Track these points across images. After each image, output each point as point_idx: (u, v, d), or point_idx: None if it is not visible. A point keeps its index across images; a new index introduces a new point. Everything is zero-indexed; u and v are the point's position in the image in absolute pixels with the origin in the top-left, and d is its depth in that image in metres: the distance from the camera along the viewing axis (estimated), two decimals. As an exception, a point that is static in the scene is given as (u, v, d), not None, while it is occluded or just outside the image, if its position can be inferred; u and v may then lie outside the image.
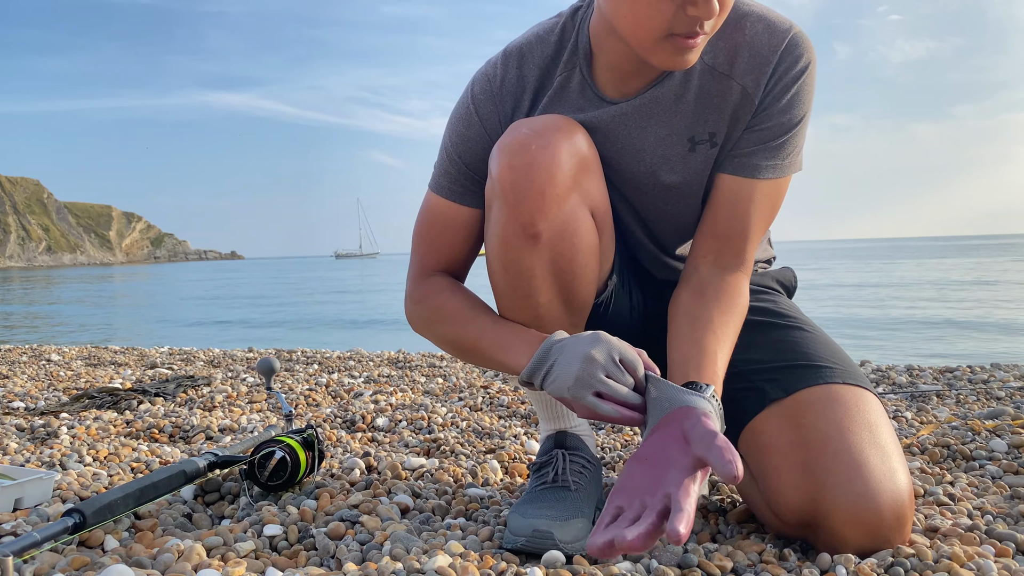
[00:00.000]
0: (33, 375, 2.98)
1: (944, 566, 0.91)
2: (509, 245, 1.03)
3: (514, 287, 1.05)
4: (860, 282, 15.79)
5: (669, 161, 1.09)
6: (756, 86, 1.05)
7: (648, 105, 1.07)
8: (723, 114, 1.07)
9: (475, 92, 1.11)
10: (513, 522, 1.02)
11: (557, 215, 1.01)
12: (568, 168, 1.00)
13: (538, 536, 0.98)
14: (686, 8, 0.88)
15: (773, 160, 1.07)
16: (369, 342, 6.52)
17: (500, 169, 1.01)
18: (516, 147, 1.00)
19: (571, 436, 1.18)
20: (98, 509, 0.99)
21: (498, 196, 1.02)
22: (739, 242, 1.09)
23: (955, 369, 2.68)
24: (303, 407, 2.21)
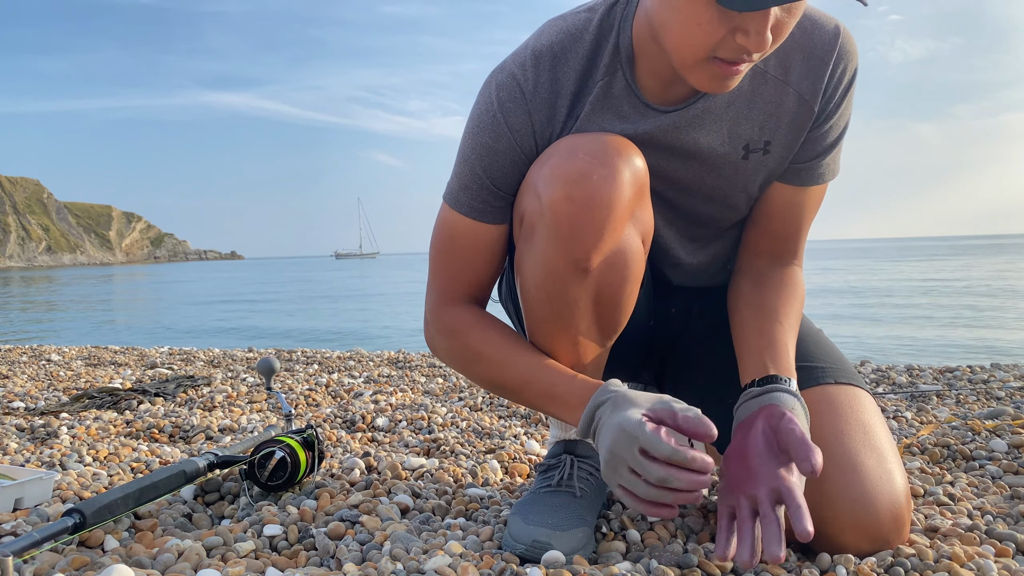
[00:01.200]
0: (33, 375, 2.98)
1: (944, 566, 0.91)
2: (556, 277, 0.97)
3: (556, 317, 1.01)
4: (862, 281, 15.79)
5: (718, 169, 1.06)
6: (814, 93, 1.01)
7: (699, 115, 1.01)
8: (780, 122, 1.03)
9: (502, 99, 0.99)
10: (514, 526, 1.01)
11: (611, 247, 0.96)
12: (628, 199, 0.95)
13: (537, 547, 0.96)
14: (736, 35, 0.83)
15: (824, 167, 1.09)
16: (369, 342, 6.53)
17: (555, 199, 0.93)
18: (575, 176, 0.92)
19: (582, 444, 1.17)
20: (98, 509, 0.99)
21: (548, 226, 0.95)
22: (793, 240, 1.12)
23: (955, 369, 2.68)
24: (303, 407, 2.21)
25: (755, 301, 1.07)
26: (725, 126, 1.03)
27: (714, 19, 0.82)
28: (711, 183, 1.07)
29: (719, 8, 0.81)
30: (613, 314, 1.02)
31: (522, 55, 1.00)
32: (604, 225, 0.93)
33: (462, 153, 1.03)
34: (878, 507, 0.93)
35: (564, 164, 0.93)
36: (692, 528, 1.09)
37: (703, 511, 1.16)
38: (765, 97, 1.02)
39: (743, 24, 0.81)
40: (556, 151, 0.96)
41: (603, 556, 0.99)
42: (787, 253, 1.13)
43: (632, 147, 0.97)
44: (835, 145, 1.07)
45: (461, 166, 1.03)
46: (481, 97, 1.02)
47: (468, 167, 1.02)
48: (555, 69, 0.99)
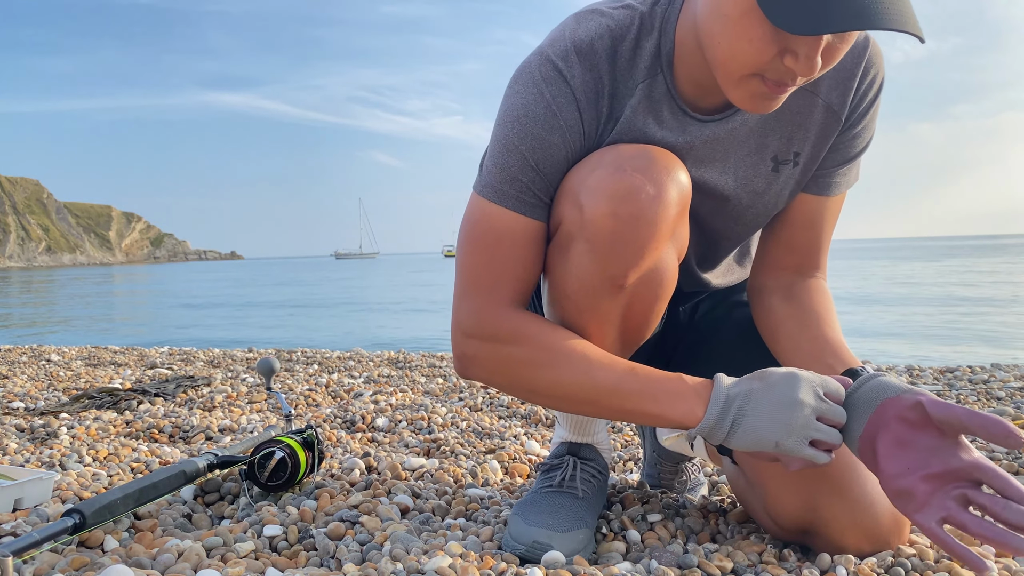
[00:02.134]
0: (33, 375, 2.98)
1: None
2: (590, 291, 0.94)
3: (582, 328, 0.98)
4: (861, 281, 15.80)
5: (752, 182, 1.04)
6: (842, 103, 1.01)
7: (737, 126, 0.99)
8: (808, 133, 1.02)
9: (553, 93, 0.94)
10: (514, 527, 1.01)
11: (649, 265, 0.93)
12: (672, 218, 0.92)
13: (537, 548, 0.96)
14: (785, 56, 0.80)
15: (848, 176, 1.08)
16: (369, 342, 6.52)
17: (599, 214, 0.89)
18: (623, 193, 0.89)
19: (586, 447, 1.16)
20: (98, 509, 0.99)
21: (588, 240, 0.91)
22: (816, 253, 1.11)
23: (955, 369, 2.68)
24: (303, 407, 2.21)
25: (795, 314, 1.05)
26: (758, 137, 1.01)
27: (766, 37, 0.79)
28: (745, 200, 1.05)
29: (772, 27, 0.78)
30: (640, 329, 1.01)
31: (561, 45, 0.95)
32: (646, 245, 0.91)
33: (505, 144, 0.95)
34: (877, 508, 0.93)
35: (611, 178, 0.90)
36: (692, 528, 1.09)
37: (703, 511, 1.16)
38: (793, 108, 1.00)
39: (793, 46, 0.79)
40: (601, 162, 0.92)
41: (603, 556, 0.99)
42: (811, 266, 1.11)
43: (678, 163, 0.94)
44: (860, 155, 1.07)
45: (505, 157, 0.95)
46: (523, 87, 0.95)
47: (516, 158, 0.94)
48: (597, 67, 0.95)
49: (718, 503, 1.23)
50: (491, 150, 0.97)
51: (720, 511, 1.17)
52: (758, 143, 1.01)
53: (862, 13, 0.74)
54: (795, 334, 1.04)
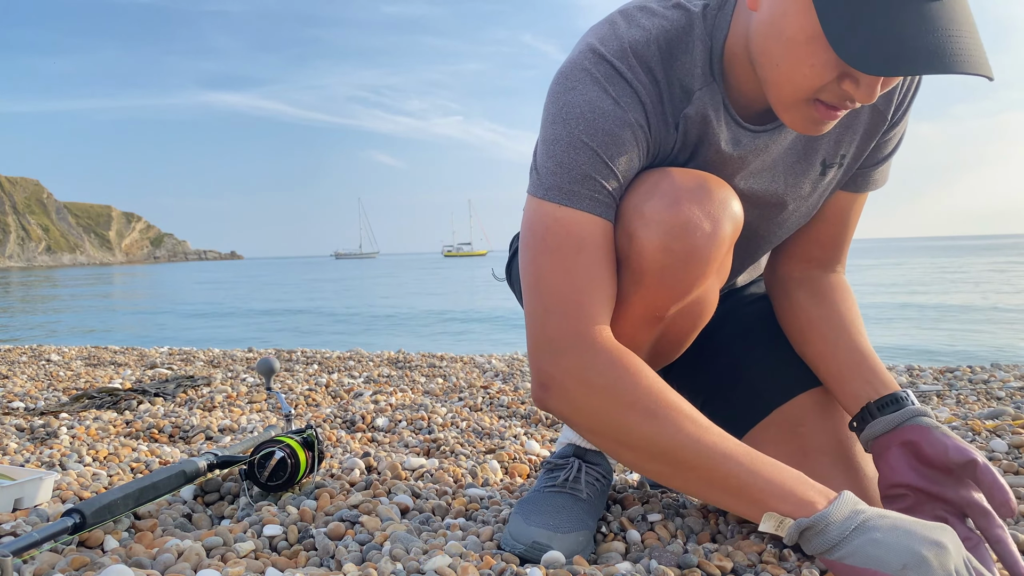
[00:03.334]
0: (33, 375, 2.98)
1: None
2: (631, 323, 0.93)
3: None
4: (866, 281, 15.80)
5: (800, 187, 1.03)
6: (888, 104, 1.01)
7: (785, 134, 0.98)
8: (855, 134, 1.02)
9: (617, 92, 0.87)
10: (514, 526, 1.01)
11: (692, 299, 0.92)
12: (724, 254, 0.90)
13: (537, 548, 0.96)
14: (844, 82, 0.78)
15: (883, 173, 1.09)
16: (369, 342, 6.52)
17: (651, 248, 0.86)
18: (678, 229, 0.85)
19: (593, 452, 1.15)
20: (98, 509, 0.99)
21: (635, 271, 0.88)
22: (841, 247, 1.12)
23: (955, 369, 2.68)
24: (303, 407, 2.21)
25: (827, 315, 1.06)
26: (802, 143, 1.00)
27: (829, 63, 0.77)
28: (791, 205, 1.05)
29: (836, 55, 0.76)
30: (670, 355, 1.02)
31: (615, 45, 0.89)
32: (696, 282, 0.89)
33: (570, 141, 0.87)
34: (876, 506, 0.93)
35: (667, 211, 0.85)
36: (692, 528, 1.09)
37: (703, 511, 1.16)
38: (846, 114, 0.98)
39: (855, 73, 0.77)
40: (657, 189, 0.87)
41: (603, 556, 0.99)
42: (835, 260, 1.13)
43: (732, 194, 0.90)
44: (895, 151, 1.07)
45: (573, 155, 0.87)
46: (581, 84, 0.88)
47: (587, 155, 0.86)
48: (652, 70, 0.89)
49: (718, 503, 1.23)
50: (551, 150, 0.88)
51: (720, 511, 1.17)
52: (806, 147, 1.01)
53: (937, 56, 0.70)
54: (830, 339, 1.04)
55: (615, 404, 0.83)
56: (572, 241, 0.87)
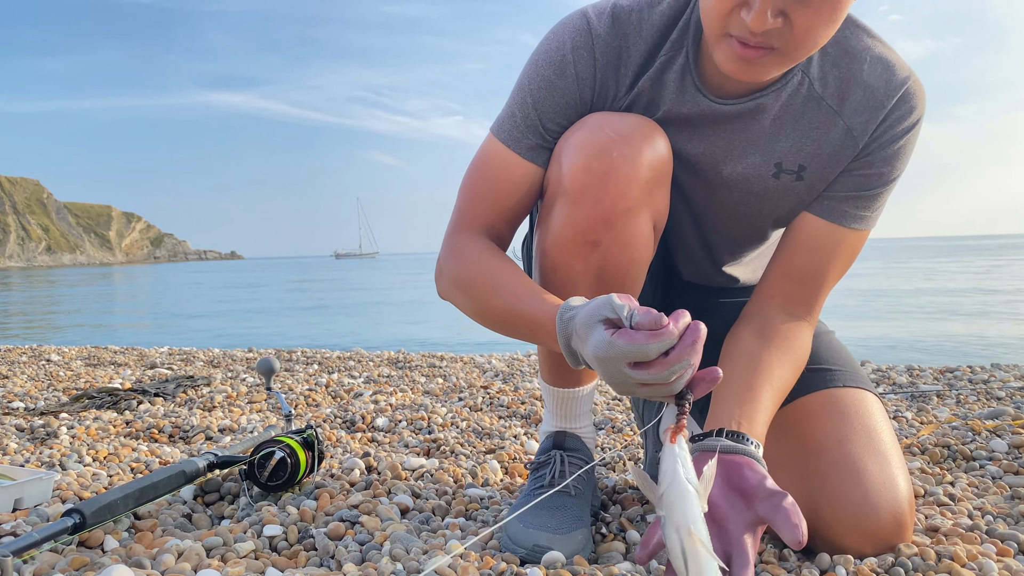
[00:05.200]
0: (33, 375, 2.98)
1: (945, 566, 0.90)
2: (564, 248, 0.97)
3: (557, 289, 1.00)
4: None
5: (748, 180, 1.04)
6: (863, 130, 0.99)
7: (745, 116, 1.00)
8: (820, 150, 1.01)
9: (576, 43, 0.98)
10: (513, 530, 1.00)
11: (622, 227, 0.95)
12: (645, 180, 0.94)
13: (538, 551, 0.96)
14: (740, 10, 0.83)
15: (863, 211, 1.03)
16: (369, 342, 6.52)
17: (574, 169, 0.94)
18: (596, 150, 0.93)
19: (571, 437, 1.16)
20: (98, 509, 0.99)
21: (565, 194, 0.96)
22: (812, 290, 1.05)
23: (955, 369, 2.68)
24: (303, 407, 2.21)
25: (753, 351, 1.00)
26: (766, 136, 1.01)
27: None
28: (737, 197, 1.05)
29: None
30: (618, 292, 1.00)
31: (603, 7, 0.99)
32: (617, 202, 0.93)
33: (519, 84, 1.01)
34: (880, 512, 0.93)
35: (588, 136, 0.94)
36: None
37: (703, 511, 1.16)
38: (813, 122, 1.00)
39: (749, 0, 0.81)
40: (586, 124, 0.96)
41: (603, 556, 0.99)
42: (801, 302, 1.05)
43: (660, 132, 0.97)
44: (878, 192, 1.02)
45: (514, 96, 1.02)
46: (553, 35, 1.00)
47: (521, 97, 1.01)
48: (627, 35, 0.98)
49: (718, 503, 1.22)
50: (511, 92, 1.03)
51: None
52: (767, 145, 1.01)
53: None
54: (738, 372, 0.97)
55: (457, 285, 1.01)
56: (481, 162, 1.05)
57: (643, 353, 0.72)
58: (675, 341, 0.72)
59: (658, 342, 0.71)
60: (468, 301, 1.01)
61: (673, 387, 0.74)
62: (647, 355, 0.72)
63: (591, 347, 0.76)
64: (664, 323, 0.72)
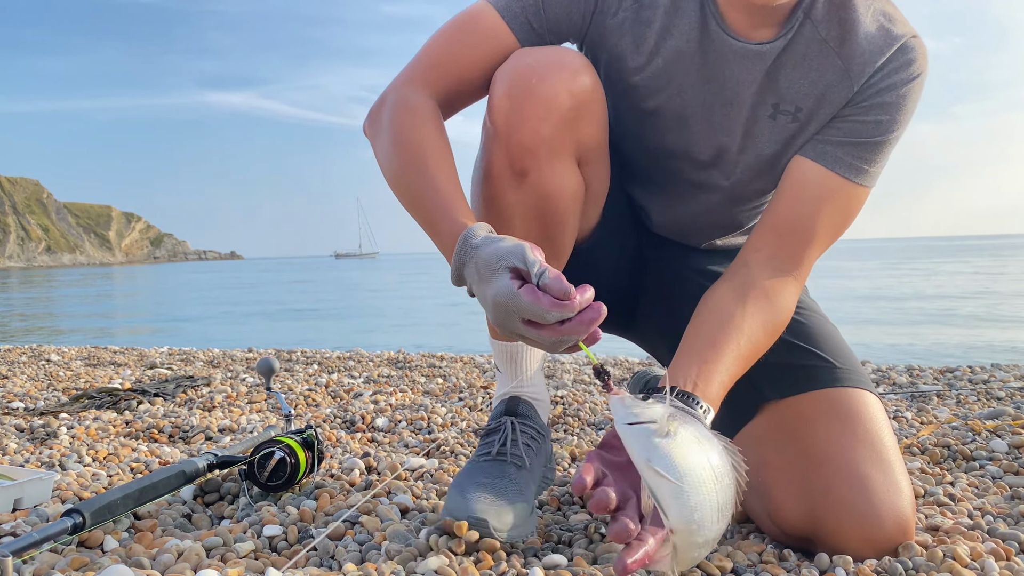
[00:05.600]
0: (32, 375, 2.98)
1: (947, 566, 0.90)
2: (494, 179, 0.98)
3: (495, 222, 0.99)
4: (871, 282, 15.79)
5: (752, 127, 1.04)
6: (860, 72, 0.99)
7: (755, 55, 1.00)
8: (814, 87, 1.01)
9: None
10: (452, 500, 0.98)
11: (548, 155, 0.96)
12: (565, 108, 0.95)
13: (473, 523, 0.94)
14: None
15: (858, 161, 1.00)
16: (369, 343, 6.52)
17: (496, 97, 0.95)
18: (515, 77, 0.94)
19: (523, 403, 1.13)
20: (98, 509, 0.99)
21: (490, 125, 0.97)
22: (800, 242, 1.01)
23: (955, 369, 2.67)
24: (303, 407, 2.21)
25: (727, 308, 0.96)
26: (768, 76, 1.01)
27: None
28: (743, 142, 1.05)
29: None
30: (552, 231, 1.01)
31: None
32: (539, 128, 0.93)
33: None
34: (884, 520, 0.92)
35: (509, 65, 0.95)
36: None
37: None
38: (813, 64, 1.00)
39: None
40: (515, 55, 0.97)
41: (603, 556, 0.99)
42: (788, 257, 1.01)
43: (585, 63, 0.98)
44: (871, 140, 1.00)
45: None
46: None
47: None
48: None
49: (718, 503, 1.22)
50: None
51: (720, 511, 1.17)
52: (765, 84, 1.02)
53: None
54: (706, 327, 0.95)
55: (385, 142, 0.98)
56: (466, 23, 1.02)
57: (543, 317, 0.73)
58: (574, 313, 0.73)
59: (560, 311, 0.72)
60: (389, 161, 0.98)
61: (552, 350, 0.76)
62: (546, 319, 0.73)
63: (493, 291, 0.76)
64: (571, 295, 0.72)
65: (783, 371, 1.05)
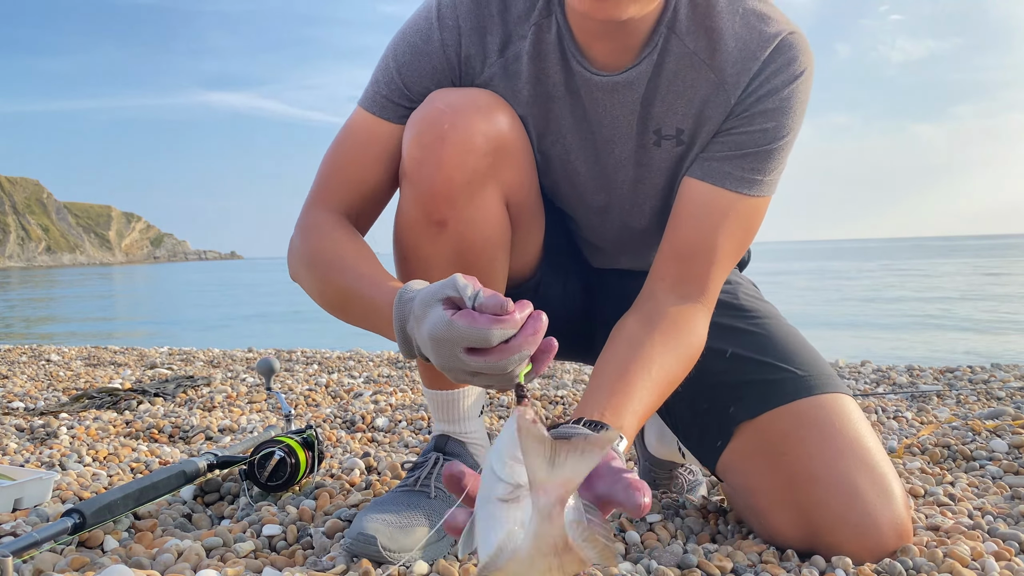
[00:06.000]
0: (33, 375, 2.98)
1: (947, 566, 0.90)
2: (411, 231, 0.94)
3: (413, 276, 0.95)
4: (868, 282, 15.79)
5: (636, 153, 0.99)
6: (736, 82, 0.93)
7: (623, 86, 0.95)
8: (691, 106, 0.95)
9: (441, 10, 0.96)
10: (354, 523, 0.96)
11: (466, 202, 0.92)
12: (481, 153, 0.90)
13: (361, 540, 0.92)
14: None
15: (749, 173, 0.94)
16: (369, 342, 6.52)
17: (409, 147, 0.92)
18: (427, 122, 0.90)
19: (454, 442, 1.10)
20: (98, 509, 0.99)
21: (405, 175, 0.93)
22: (702, 265, 0.95)
23: (955, 369, 2.68)
24: (303, 407, 2.21)
25: (635, 337, 0.91)
26: (642, 104, 0.96)
27: None
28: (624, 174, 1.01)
29: None
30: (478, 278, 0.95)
31: None
32: (454, 174, 0.89)
33: (384, 53, 1.00)
34: (882, 529, 0.92)
35: (422, 111, 0.92)
36: (692, 529, 1.09)
37: (703, 511, 1.16)
38: (686, 80, 0.95)
39: None
40: (426, 99, 0.93)
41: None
42: (692, 283, 0.95)
43: (501, 103, 0.94)
44: (760, 150, 0.94)
45: (379, 64, 1.00)
46: (422, 4, 0.99)
47: (385, 64, 0.98)
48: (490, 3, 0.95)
49: (718, 503, 1.22)
50: None
51: (720, 511, 1.17)
52: (644, 112, 0.97)
53: None
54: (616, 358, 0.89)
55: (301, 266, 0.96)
56: (344, 132, 1.01)
57: (484, 339, 0.66)
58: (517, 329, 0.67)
59: (500, 328, 0.66)
60: (312, 280, 0.95)
61: (508, 378, 0.69)
62: (488, 341, 0.66)
63: (427, 327, 0.70)
64: (510, 309, 0.66)
65: (750, 389, 1.01)
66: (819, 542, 0.93)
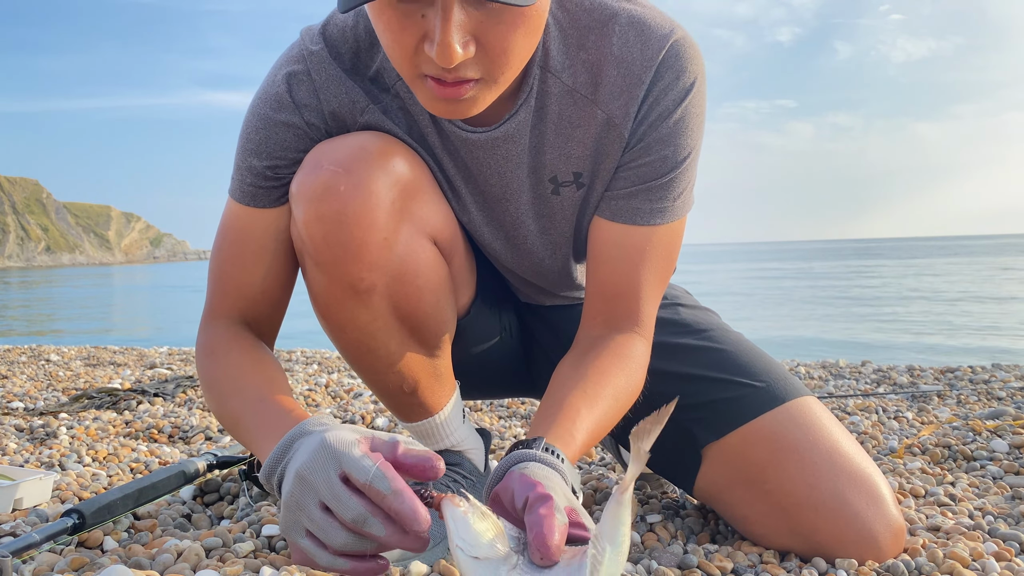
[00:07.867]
0: (32, 375, 2.98)
1: (947, 567, 0.90)
2: (338, 306, 0.87)
3: (356, 345, 0.91)
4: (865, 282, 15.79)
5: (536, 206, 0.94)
6: (625, 114, 0.86)
7: (504, 140, 0.88)
8: (586, 149, 0.89)
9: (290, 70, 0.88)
10: None
11: (389, 260, 0.84)
12: (389, 203, 0.83)
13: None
14: (425, 44, 0.69)
15: (659, 203, 0.89)
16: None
17: (306, 220, 0.83)
18: (320, 191, 0.81)
19: (451, 452, 1.07)
20: (97, 509, 0.99)
21: (309, 253, 0.85)
22: (630, 301, 0.91)
23: (956, 369, 2.67)
24: (302, 407, 2.20)
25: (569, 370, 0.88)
26: (530, 153, 0.90)
27: (398, 23, 0.69)
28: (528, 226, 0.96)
29: (399, 7, 0.68)
30: (424, 326, 0.91)
31: (315, 26, 0.91)
32: (365, 238, 0.82)
33: (239, 136, 0.91)
34: (879, 538, 0.91)
35: (308, 179, 0.83)
36: (692, 529, 1.09)
37: (703, 511, 1.16)
38: (572, 121, 0.88)
39: (430, 31, 0.68)
40: (305, 164, 0.85)
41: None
42: (623, 317, 0.91)
43: (395, 145, 0.86)
44: (664, 180, 0.89)
45: (237, 150, 0.91)
46: (268, 77, 0.91)
47: (242, 147, 0.90)
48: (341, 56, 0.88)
49: (718, 503, 1.22)
50: None
51: (720, 511, 1.17)
52: (534, 162, 0.91)
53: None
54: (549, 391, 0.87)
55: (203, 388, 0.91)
56: (221, 232, 0.94)
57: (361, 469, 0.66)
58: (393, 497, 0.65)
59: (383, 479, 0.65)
60: (210, 403, 0.91)
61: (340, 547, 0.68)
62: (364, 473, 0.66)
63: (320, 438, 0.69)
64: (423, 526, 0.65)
65: (710, 410, 0.99)
66: (822, 555, 0.93)
